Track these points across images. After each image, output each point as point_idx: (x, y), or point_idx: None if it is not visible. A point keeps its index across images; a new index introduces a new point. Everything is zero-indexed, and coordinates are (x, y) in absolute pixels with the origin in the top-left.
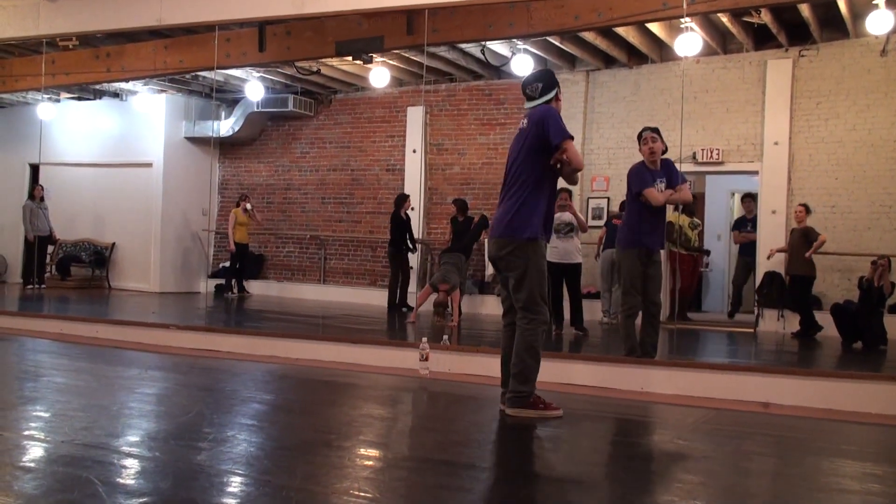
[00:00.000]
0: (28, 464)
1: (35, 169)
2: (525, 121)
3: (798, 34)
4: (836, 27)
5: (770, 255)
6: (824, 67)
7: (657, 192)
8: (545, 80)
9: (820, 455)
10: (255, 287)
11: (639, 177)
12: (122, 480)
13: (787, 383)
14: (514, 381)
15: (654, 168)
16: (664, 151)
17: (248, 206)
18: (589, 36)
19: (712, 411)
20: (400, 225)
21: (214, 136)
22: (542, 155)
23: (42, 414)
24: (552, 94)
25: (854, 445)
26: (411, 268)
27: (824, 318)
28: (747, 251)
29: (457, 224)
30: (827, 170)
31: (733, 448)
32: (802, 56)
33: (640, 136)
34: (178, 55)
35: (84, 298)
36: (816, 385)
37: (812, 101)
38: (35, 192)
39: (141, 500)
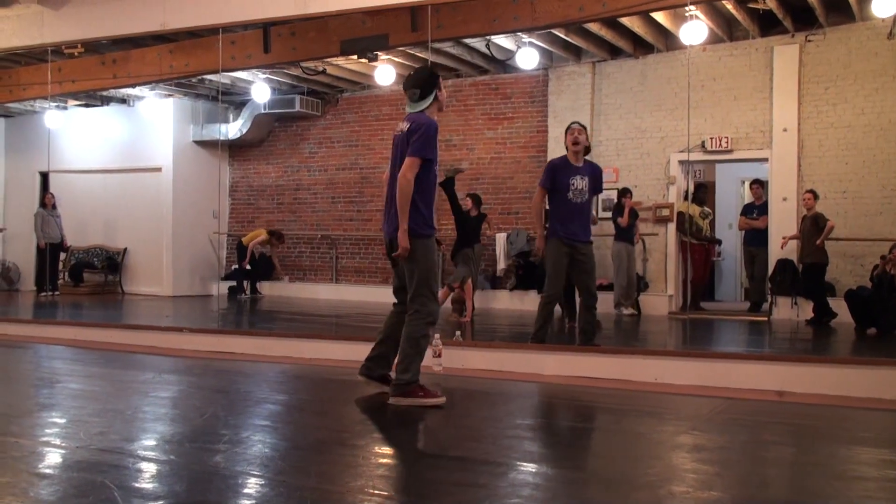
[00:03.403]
0: (44, 470)
1: (45, 177)
2: (405, 124)
3: (804, 19)
4: (841, 11)
5: (783, 243)
6: (831, 52)
7: (539, 198)
8: (422, 85)
9: (836, 442)
10: (267, 288)
11: (549, 172)
12: (137, 484)
13: (802, 371)
14: (397, 370)
15: (575, 163)
16: (587, 150)
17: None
18: (594, 27)
19: (727, 401)
20: None
21: (222, 138)
22: None
23: (57, 420)
24: (430, 99)
25: (870, 432)
26: None
27: (838, 305)
28: (752, 240)
29: (469, 219)
30: (837, 155)
31: (749, 437)
32: (809, 41)
33: (567, 128)
34: (183, 59)
35: (97, 304)
36: (831, 372)
37: (820, 87)
38: (46, 199)
39: None
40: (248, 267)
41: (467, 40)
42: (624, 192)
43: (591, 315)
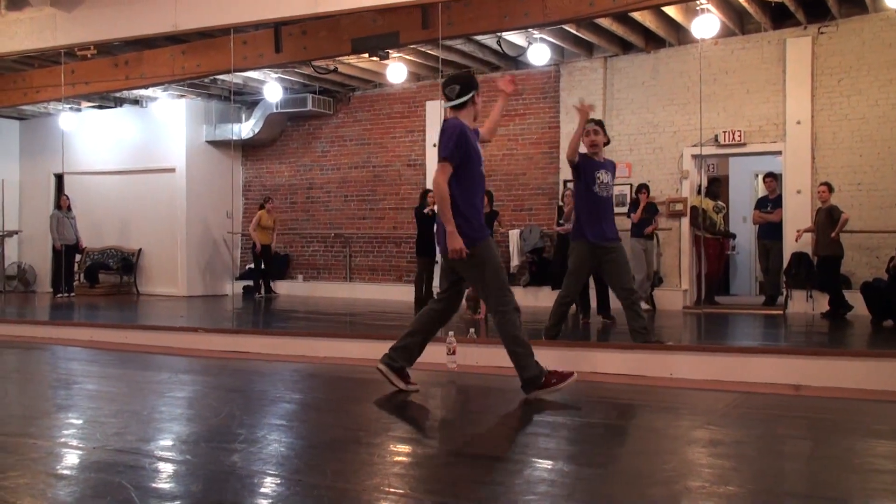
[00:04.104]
0: (62, 471)
1: (59, 179)
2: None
3: (816, 11)
4: (854, 2)
5: (797, 236)
6: (844, 43)
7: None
8: (462, 83)
9: (853, 436)
10: (281, 287)
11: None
12: (154, 484)
13: (818, 364)
14: (519, 373)
15: (597, 159)
16: (606, 143)
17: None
18: (605, 22)
19: (743, 395)
20: (422, 220)
21: (235, 138)
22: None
23: (74, 421)
24: (467, 98)
25: (887, 425)
26: (437, 262)
27: (854, 297)
28: (766, 234)
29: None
30: (851, 147)
31: (765, 431)
32: (822, 33)
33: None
34: (195, 59)
35: (113, 305)
36: (848, 365)
37: (833, 78)
38: (61, 201)
39: None
40: (259, 249)
41: (478, 37)
42: (640, 189)
43: (634, 312)
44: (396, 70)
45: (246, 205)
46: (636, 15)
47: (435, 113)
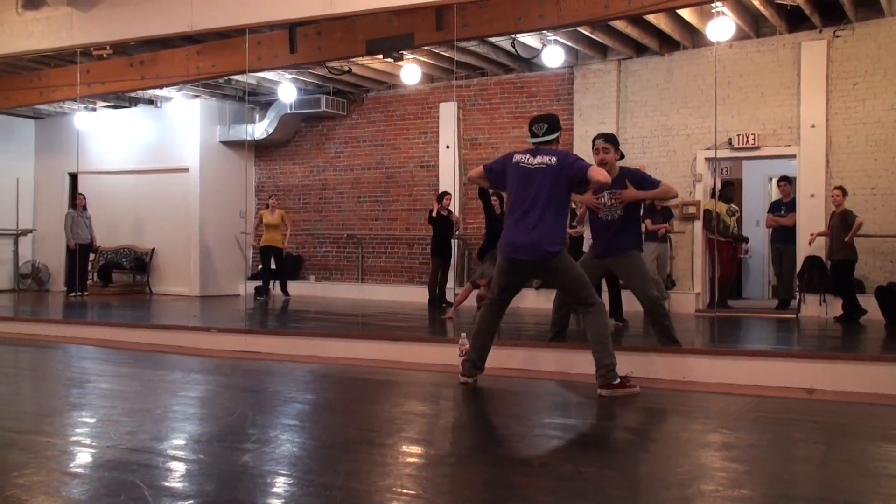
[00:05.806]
0: (75, 469)
1: (74, 178)
2: (548, 158)
3: (832, 14)
4: (870, 6)
5: (811, 240)
6: (860, 47)
7: None
8: (550, 123)
9: (866, 440)
10: (294, 287)
11: None
12: (167, 483)
13: (832, 368)
14: (603, 359)
15: None
16: (619, 159)
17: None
18: (619, 24)
19: (756, 399)
20: (437, 222)
21: (249, 139)
22: (570, 187)
23: (88, 420)
24: (553, 137)
25: None
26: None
27: (868, 302)
28: (779, 237)
29: (498, 221)
30: (865, 151)
31: (778, 435)
32: (837, 36)
33: (593, 142)
34: (210, 60)
35: (126, 304)
36: (861, 369)
37: (848, 82)
38: (77, 200)
39: (186, 503)
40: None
41: (493, 39)
42: None
43: (653, 319)
44: (410, 71)
45: (259, 205)
46: (650, 17)
47: (448, 114)
